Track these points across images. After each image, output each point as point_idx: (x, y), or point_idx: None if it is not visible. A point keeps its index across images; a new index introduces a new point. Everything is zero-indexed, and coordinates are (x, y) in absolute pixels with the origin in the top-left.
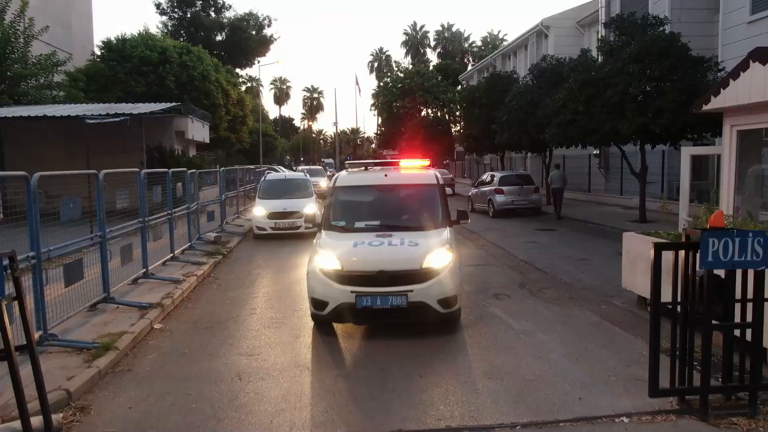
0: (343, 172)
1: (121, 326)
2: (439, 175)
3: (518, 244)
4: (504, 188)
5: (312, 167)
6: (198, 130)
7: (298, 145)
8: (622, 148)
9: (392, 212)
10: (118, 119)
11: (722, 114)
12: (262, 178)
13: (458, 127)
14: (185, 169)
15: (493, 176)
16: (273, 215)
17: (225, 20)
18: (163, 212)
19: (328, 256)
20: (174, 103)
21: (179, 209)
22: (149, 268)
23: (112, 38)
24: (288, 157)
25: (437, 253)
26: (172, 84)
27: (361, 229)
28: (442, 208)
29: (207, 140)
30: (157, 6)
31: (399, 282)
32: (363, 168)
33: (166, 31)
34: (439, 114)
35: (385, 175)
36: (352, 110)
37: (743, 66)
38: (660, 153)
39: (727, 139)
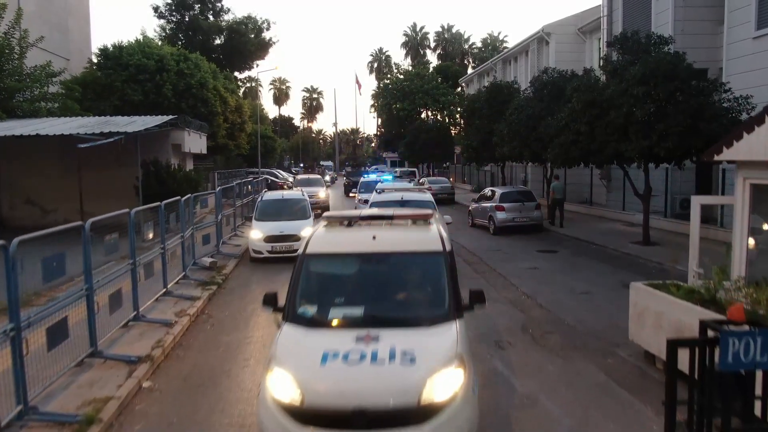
0: (320, 230)
1: (108, 388)
2: (445, 235)
3: (520, 271)
4: (505, 205)
5: (310, 176)
6: (195, 142)
7: (297, 146)
8: (625, 168)
9: (380, 295)
10: (111, 139)
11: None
12: (259, 198)
13: (458, 130)
14: (179, 197)
15: (493, 192)
16: (269, 238)
17: (223, 24)
18: (156, 248)
19: (285, 379)
20: (171, 116)
21: (173, 240)
22: (140, 310)
23: (109, 45)
24: (289, 158)
25: (444, 376)
26: (169, 92)
27: (336, 326)
28: (450, 288)
29: (204, 151)
30: (155, 9)
31: (385, 425)
32: (346, 223)
33: (164, 34)
34: (438, 116)
35: (374, 238)
36: (352, 110)
37: (759, 119)
38: (663, 168)
39: (740, 193)
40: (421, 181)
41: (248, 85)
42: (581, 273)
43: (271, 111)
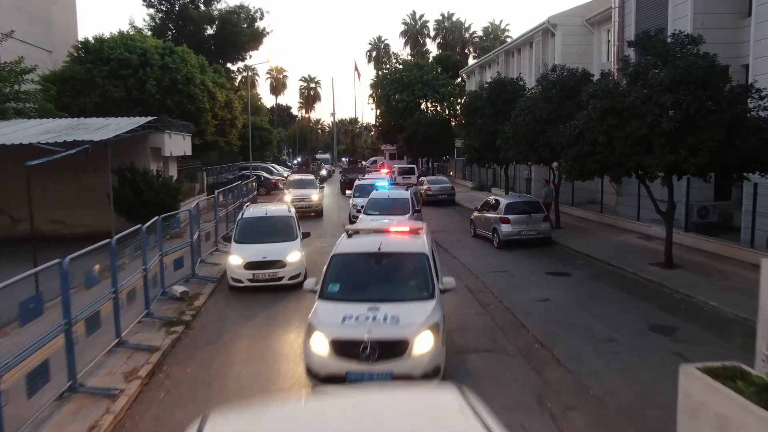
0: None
1: None
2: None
3: (530, 305)
4: (511, 217)
5: (302, 177)
6: (177, 144)
7: (295, 136)
8: (647, 183)
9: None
10: (74, 150)
11: None
12: (239, 215)
13: (457, 120)
14: (140, 225)
15: (498, 201)
16: (250, 265)
17: (215, 13)
18: (106, 292)
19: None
20: (149, 118)
21: (131, 276)
22: (78, 376)
23: (90, 38)
24: (287, 149)
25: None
26: (153, 88)
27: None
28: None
29: (188, 152)
30: None
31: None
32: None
33: (153, 24)
34: (438, 108)
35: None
36: (350, 99)
37: None
38: (685, 178)
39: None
40: (420, 180)
41: (244, 74)
42: (600, 308)
43: (268, 101)
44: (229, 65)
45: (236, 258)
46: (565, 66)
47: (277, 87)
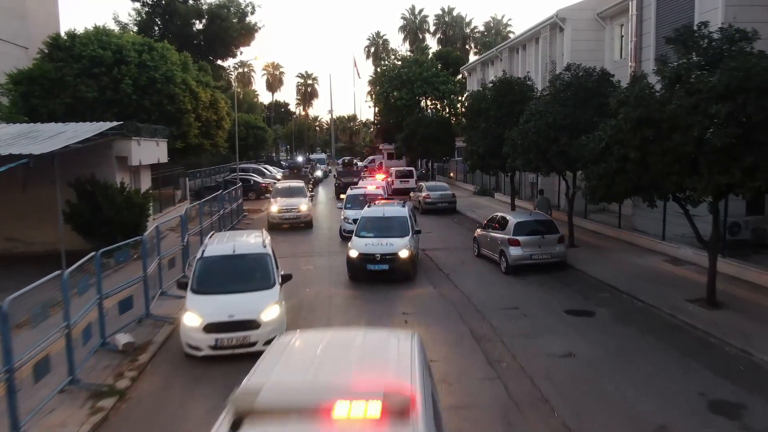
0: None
1: None
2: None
3: (549, 363)
4: (521, 239)
5: (291, 184)
6: (149, 151)
7: (294, 133)
8: (687, 209)
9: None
10: (7, 166)
11: None
12: (200, 250)
13: (457, 119)
14: (59, 272)
15: (506, 220)
16: (212, 327)
17: (204, 7)
18: None
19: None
20: (111, 123)
21: (46, 337)
22: None
23: (63, 33)
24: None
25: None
26: (128, 88)
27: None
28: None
29: (163, 159)
30: None
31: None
32: None
33: (139, 19)
34: (438, 106)
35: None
36: (348, 96)
37: None
38: None
39: None
40: (419, 185)
41: (240, 71)
42: (638, 368)
43: (265, 97)
44: (219, 62)
45: (192, 317)
46: (581, 65)
47: (274, 83)
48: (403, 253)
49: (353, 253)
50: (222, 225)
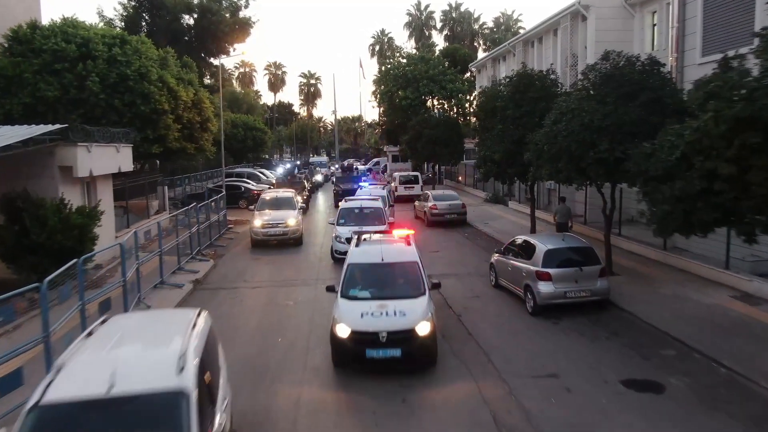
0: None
1: None
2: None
3: None
4: (552, 272)
5: (278, 194)
6: (105, 159)
7: (296, 134)
8: None
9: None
10: None
11: None
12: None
13: (466, 121)
14: None
15: (531, 246)
16: None
17: (194, 0)
18: None
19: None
20: (47, 127)
21: None
22: None
23: (24, 25)
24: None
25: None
26: (95, 86)
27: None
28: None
29: (125, 168)
30: None
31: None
32: None
33: (125, 14)
34: (446, 105)
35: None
36: (352, 97)
37: None
38: None
39: None
40: (424, 193)
41: (240, 70)
42: None
43: (268, 98)
44: (213, 60)
45: None
46: (622, 52)
47: (276, 84)
48: (423, 329)
49: (342, 331)
50: (198, 242)
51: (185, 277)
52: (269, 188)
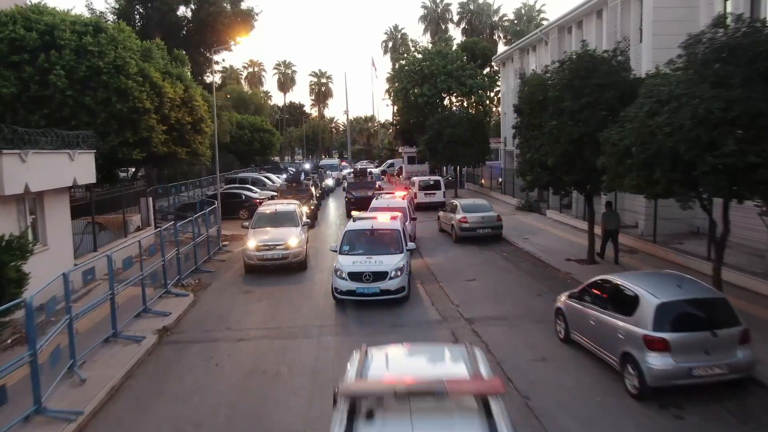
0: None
1: None
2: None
3: None
4: (669, 338)
5: (278, 208)
6: (50, 170)
7: (308, 136)
8: None
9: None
10: None
11: None
12: None
13: (490, 118)
14: None
15: (628, 293)
16: None
17: None
18: None
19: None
20: None
21: None
22: None
23: None
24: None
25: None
26: (60, 81)
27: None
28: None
29: (87, 179)
30: None
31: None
32: None
33: (118, 6)
34: (464, 103)
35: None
36: (365, 96)
37: None
38: None
39: None
40: (451, 202)
41: (249, 70)
42: None
43: (278, 98)
44: (214, 56)
45: None
46: (743, 15)
47: (286, 83)
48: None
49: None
50: (179, 269)
51: (150, 323)
52: (270, 198)
